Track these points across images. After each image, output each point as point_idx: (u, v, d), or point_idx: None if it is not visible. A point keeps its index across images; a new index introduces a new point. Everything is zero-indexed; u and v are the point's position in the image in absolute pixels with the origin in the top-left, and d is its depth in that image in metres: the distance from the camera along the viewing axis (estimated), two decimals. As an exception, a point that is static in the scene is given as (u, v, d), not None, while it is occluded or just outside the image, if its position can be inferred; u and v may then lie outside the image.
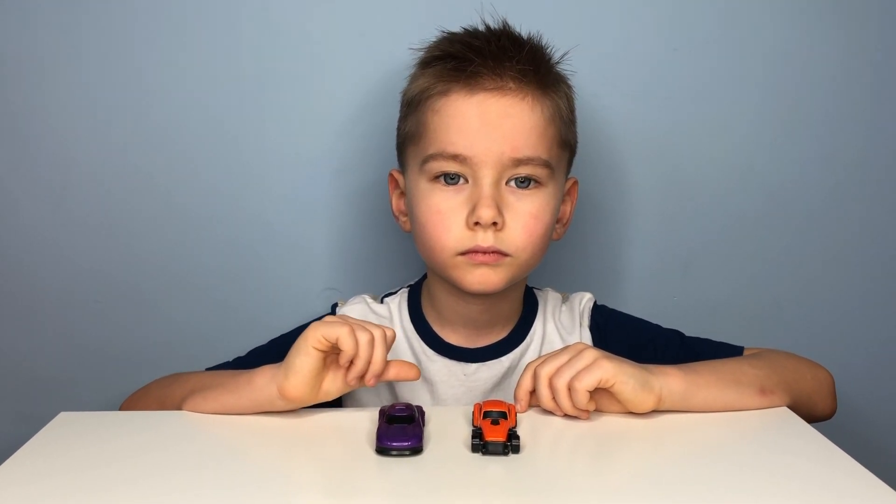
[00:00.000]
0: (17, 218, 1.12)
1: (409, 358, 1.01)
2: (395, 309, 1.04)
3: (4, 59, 1.09)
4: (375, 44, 1.11)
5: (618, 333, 1.03)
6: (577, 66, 1.00)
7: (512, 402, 0.98)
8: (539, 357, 0.87)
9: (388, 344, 0.84)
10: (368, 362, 0.82)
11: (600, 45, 1.12)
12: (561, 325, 1.04)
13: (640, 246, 1.19)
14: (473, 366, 1.00)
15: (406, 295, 1.06)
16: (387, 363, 0.85)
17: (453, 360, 1.01)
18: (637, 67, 1.15)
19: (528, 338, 1.02)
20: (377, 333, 0.82)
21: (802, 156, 1.18)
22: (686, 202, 1.19)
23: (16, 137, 1.11)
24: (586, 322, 1.04)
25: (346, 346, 0.80)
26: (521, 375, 0.86)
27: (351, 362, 0.82)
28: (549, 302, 1.05)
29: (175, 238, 1.14)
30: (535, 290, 1.07)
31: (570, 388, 0.82)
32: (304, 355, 0.81)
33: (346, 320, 0.83)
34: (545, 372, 0.83)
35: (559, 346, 1.01)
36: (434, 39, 0.98)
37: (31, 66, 1.09)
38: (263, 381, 0.83)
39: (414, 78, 0.97)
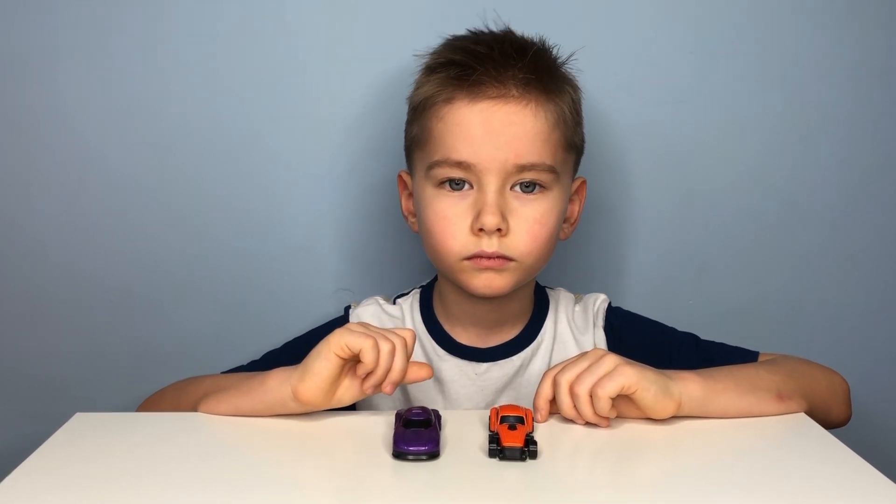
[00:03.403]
0: (31, 219, 1.13)
1: (420, 358, 1.01)
2: (408, 309, 1.05)
3: (20, 60, 1.09)
4: (382, 46, 1.12)
5: (632, 336, 1.03)
6: (589, 71, 1.01)
7: (523, 398, 0.99)
8: (557, 365, 0.86)
9: (410, 349, 0.84)
10: (387, 372, 0.82)
11: (614, 50, 1.13)
12: (574, 325, 1.04)
13: (654, 251, 1.19)
14: (484, 365, 1.01)
15: (418, 296, 1.06)
16: None
17: (464, 359, 1.01)
18: (651, 71, 1.15)
19: (539, 337, 1.03)
20: (398, 343, 0.82)
21: (818, 160, 1.18)
22: (700, 207, 1.19)
23: (30, 140, 1.11)
24: (601, 323, 1.04)
25: (368, 359, 0.80)
26: (540, 384, 0.86)
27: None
28: (560, 301, 1.06)
29: (187, 239, 1.15)
30: (546, 290, 1.07)
31: (591, 395, 0.81)
32: (325, 360, 0.81)
33: (369, 331, 0.82)
34: (565, 379, 0.83)
35: (572, 345, 1.02)
36: (438, 44, 0.98)
37: (45, 68, 1.09)
38: (276, 382, 0.83)
39: (419, 84, 0.97)
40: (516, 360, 1.01)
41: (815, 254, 1.21)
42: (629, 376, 0.81)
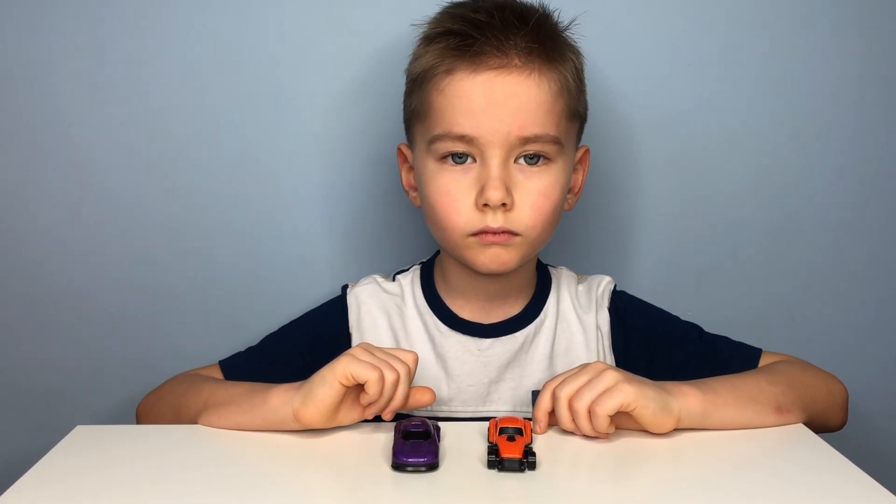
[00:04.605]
0: (33, 227, 1.12)
1: (422, 335, 1.01)
2: (408, 286, 1.04)
3: (23, 67, 1.08)
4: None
5: (636, 320, 1.02)
6: (589, 70, 0.98)
7: (527, 377, 0.99)
8: (556, 376, 0.86)
9: (412, 375, 0.85)
10: (390, 401, 0.82)
11: (612, 56, 1.11)
12: (578, 304, 1.03)
13: (652, 260, 1.18)
14: (487, 341, 1.00)
15: (419, 272, 1.05)
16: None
17: (467, 335, 1.00)
18: (651, 82, 1.13)
19: (542, 313, 1.02)
20: (402, 372, 0.82)
21: (819, 170, 1.17)
22: (700, 215, 1.17)
23: (32, 148, 1.10)
24: (605, 304, 1.03)
25: (372, 391, 0.80)
26: (540, 396, 0.85)
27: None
28: (563, 279, 1.04)
29: (188, 244, 1.14)
30: (549, 267, 1.06)
31: (590, 412, 0.81)
32: (329, 388, 0.81)
33: (375, 359, 0.82)
34: (565, 393, 0.82)
35: (575, 323, 1.01)
36: (436, 13, 0.95)
37: (48, 75, 1.09)
38: (279, 402, 0.83)
39: (418, 55, 0.94)
40: (519, 336, 1.00)
41: (815, 262, 1.20)
42: (628, 394, 0.80)
